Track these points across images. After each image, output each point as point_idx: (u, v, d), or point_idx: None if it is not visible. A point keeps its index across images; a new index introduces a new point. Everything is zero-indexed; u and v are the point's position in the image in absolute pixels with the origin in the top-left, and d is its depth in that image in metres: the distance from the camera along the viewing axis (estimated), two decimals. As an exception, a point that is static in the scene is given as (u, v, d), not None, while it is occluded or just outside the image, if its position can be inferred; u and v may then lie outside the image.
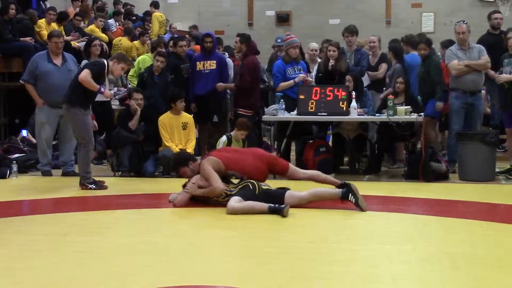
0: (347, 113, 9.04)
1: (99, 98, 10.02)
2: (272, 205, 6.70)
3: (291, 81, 9.65)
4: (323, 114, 9.12)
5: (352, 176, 9.19)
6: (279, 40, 11.97)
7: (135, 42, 13.50)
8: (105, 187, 8.23)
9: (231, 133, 9.33)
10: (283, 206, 6.65)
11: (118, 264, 5.06)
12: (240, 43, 10.17)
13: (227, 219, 6.56)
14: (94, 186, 8.17)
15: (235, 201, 6.72)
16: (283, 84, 9.68)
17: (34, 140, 10.18)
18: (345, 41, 10.34)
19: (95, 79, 8.06)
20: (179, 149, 9.19)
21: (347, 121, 9.33)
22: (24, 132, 10.87)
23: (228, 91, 10.65)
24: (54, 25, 12.20)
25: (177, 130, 9.51)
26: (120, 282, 4.62)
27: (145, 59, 10.96)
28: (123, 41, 13.25)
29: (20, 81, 9.58)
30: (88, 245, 5.65)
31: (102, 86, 8.22)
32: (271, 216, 6.59)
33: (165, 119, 9.51)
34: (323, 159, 9.22)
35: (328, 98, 9.12)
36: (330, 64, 9.64)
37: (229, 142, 9.16)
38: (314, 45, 10.41)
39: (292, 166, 7.57)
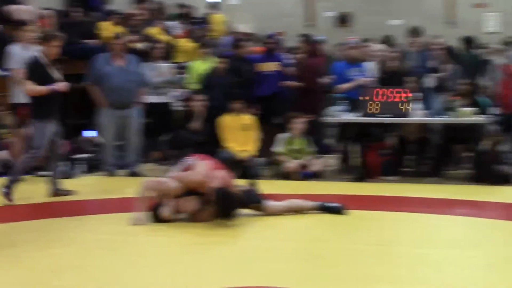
0: (409, 114, 8.93)
1: (158, 99, 10.24)
2: (323, 203, 6.80)
3: (351, 83, 9.59)
4: (385, 115, 9.04)
5: (415, 179, 9.10)
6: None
7: (197, 44, 13.58)
8: (10, 200, 7.42)
9: (290, 132, 9.36)
10: (340, 205, 6.67)
11: (182, 264, 5.11)
12: (303, 44, 10.16)
13: (280, 219, 6.57)
14: (6, 190, 7.45)
15: (274, 202, 6.73)
16: (344, 86, 9.63)
17: (99, 141, 10.35)
18: (409, 42, 10.23)
19: (40, 79, 7.47)
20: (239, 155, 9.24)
21: (409, 123, 9.22)
22: (90, 133, 11.06)
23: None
24: (117, 27, 12.37)
25: (238, 131, 9.54)
26: (183, 282, 4.66)
27: (197, 65, 10.93)
28: (185, 43, 13.36)
29: (84, 83, 9.72)
30: (153, 245, 5.73)
31: (51, 85, 7.47)
32: (327, 217, 6.62)
33: (226, 120, 9.57)
34: (386, 161, 9.14)
35: (390, 100, 9.03)
36: (392, 65, 9.55)
37: (290, 139, 9.23)
38: (378, 46, 10.33)
39: None
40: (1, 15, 11.63)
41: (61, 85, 7.57)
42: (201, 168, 6.59)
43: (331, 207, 6.75)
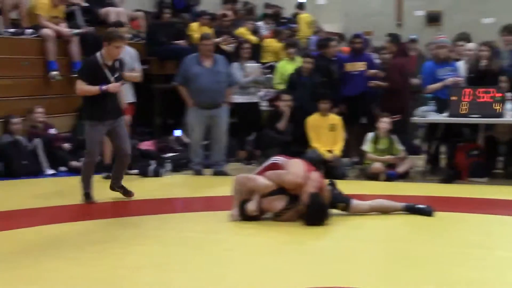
0: (501, 115, 8.72)
1: (245, 99, 10.33)
2: (410, 204, 6.70)
3: (441, 83, 9.42)
4: (475, 116, 8.85)
5: (506, 181, 8.86)
6: None
7: (284, 44, 13.61)
8: (91, 200, 7.50)
9: (376, 131, 9.29)
10: (428, 207, 6.58)
11: (266, 263, 5.14)
12: (390, 43, 10.06)
13: (365, 219, 6.54)
14: (85, 192, 7.53)
15: (360, 202, 6.69)
16: (432, 86, 9.46)
17: (186, 140, 10.53)
18: (503, 40, 9.95)
19: (93, 79, 7.20)
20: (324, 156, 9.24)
21: (501, 123, 9.00)
22: (177, 132, 11.27)
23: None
24: (205, 28, 12.54)
25: (324, 132, 9.52)
26: (267, 282, 4.69)
27: (284, 65, 10.97)
28: (273, 43, 13.42)
29: (173, 83, 9.89)
30: (238, 244, 5.79)
31: (101, 85, 7.18)
32: (413, 218, 6.54)
33: (313, 120, 9.56)
34: (475, 163, 8.94)
35: (481, 100, 8.83)
36: (482, 64, 9.34)
37: (376, 138, 9.19)
38: (471, 45, 10.10)
39: None
40: (95, 17, 11.99)
41: (112, 86, 7.27)
42: (298, 169, 6.49)
43: (419, 209, 6.66)
